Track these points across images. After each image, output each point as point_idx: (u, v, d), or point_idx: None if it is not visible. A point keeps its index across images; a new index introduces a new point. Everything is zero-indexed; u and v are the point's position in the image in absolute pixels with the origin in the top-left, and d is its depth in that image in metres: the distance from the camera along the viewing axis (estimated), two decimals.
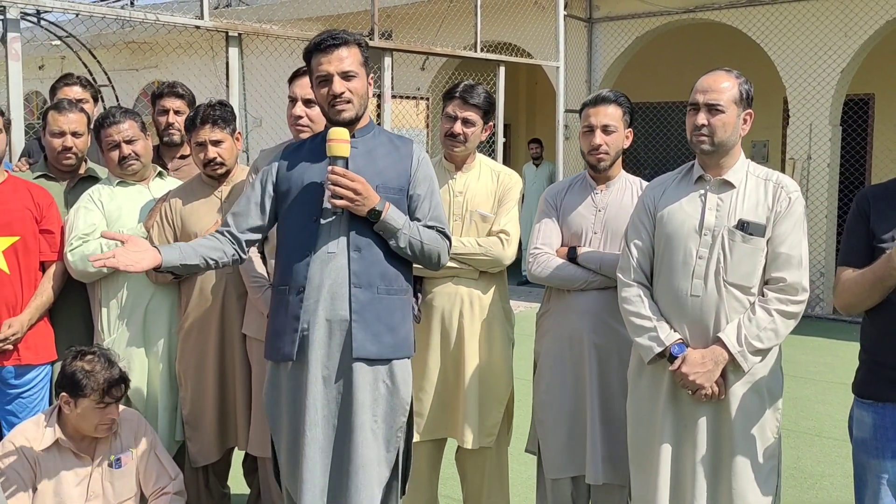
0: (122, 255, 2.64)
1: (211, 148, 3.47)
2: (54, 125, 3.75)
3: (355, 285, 2.80)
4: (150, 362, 3.62)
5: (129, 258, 2.65)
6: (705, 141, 2.82)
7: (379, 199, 2.77)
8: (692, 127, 2.83)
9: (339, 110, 2.79)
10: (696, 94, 2.83)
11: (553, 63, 10.03)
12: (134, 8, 8.40)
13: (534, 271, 3.34)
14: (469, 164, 3.55)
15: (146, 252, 2.70)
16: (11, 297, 3.51)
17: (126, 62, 14.36)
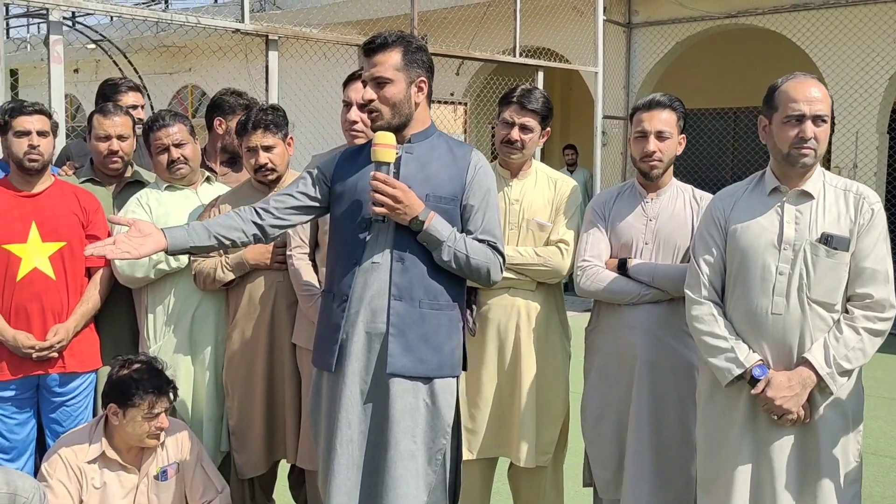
0: (121, 243, 2.55)
1: (262, 153, 3.39)
2: (99, 129, 3.69)
3: (395, 297, 2.69)
4: (195, 371, 3.54)
5: (127, 245, 2.55)
6: (810, 154, 2.66)
7: (422, 208, 2.66)
8: (795, 139, 2.65)
9: (372, 119, 2.72)
10: (798, 105, 2.65)
11: (591, 68, 9.90)
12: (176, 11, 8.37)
13: (582, 285, 3.21)
14: (525, 170, 3.44)
15: (148, 236, 2.61)
16: (57, 304, 3.45)
17: (160, 66, 14.42)
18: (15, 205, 3.44)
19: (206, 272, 3.42)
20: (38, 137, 3.41)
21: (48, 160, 3.48)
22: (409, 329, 2.69)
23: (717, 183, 10.34)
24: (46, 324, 3.42)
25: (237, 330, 3.45)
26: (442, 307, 2.75)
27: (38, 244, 3.43)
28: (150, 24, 11.94)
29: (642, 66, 10.91)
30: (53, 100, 5.54)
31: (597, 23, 9.77)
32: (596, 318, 3.33)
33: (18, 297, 3.39)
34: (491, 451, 3.38)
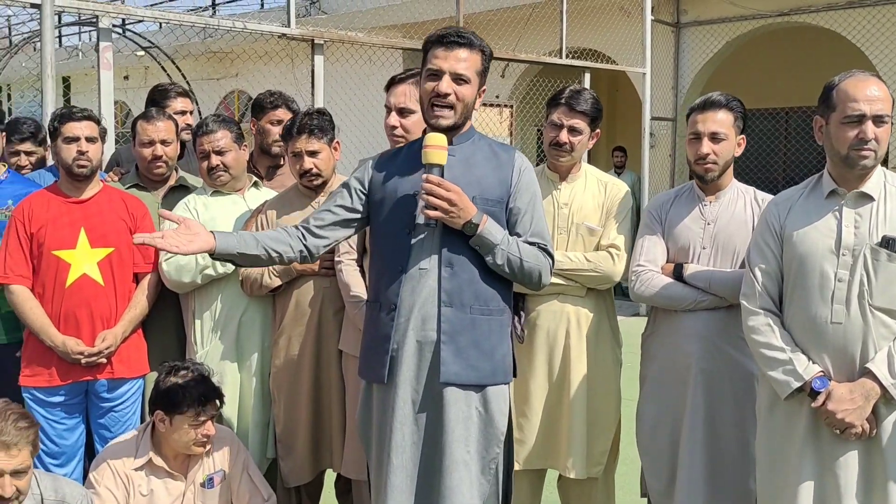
0: (171, 237, 2.50)
1: (307, 158, 3.35)
2: (143, 134, 3.70)
3: (445, 304, 2.62)
4: (242, 377, 3.52)
5: (175, 240, 2.50)
6: (870, 156, 2.55)
7: (476, 211, 2.59)
8: (854, 140, 2.54)
9: (436, 114, 2.62)
10: (858, 104, 2.53)
11: (639, 69, 9.76)
12: (222, 17, 8.43)
13: (636, 290, 3.12)
14: (574, 173, 3.36)
15: (197, 235, 2.54)
16: (106, 310, 3.46)
17: (207, 71, 14.57)
18: (64, 211, 3.46)
19: (254, 277, 3.40)
20: (87, 143, 3.43)
21: (97, 166, 3.50)
22: (461, 336, 2.63)
23: (769, 185, 10.14)
24: (95, 330, 3.43)
25: (283, 336, 3.42)
26: (493, 312, 2.69)
27: (86, 250, 3.44)
28: (197, 31, 12.07)
29: (691, 66, 10.73)
30: (103, 106, 5.60)
31: (644, 23, 9.63)
32: (652, 324, 3.24)
33: (68, 304, 3.40)
34: (539, 462, 3.31)
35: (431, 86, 2.62)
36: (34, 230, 3.42)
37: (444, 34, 2.63)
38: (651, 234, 3.17)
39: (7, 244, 3.45)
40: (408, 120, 3.10)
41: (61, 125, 3.46)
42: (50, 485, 2.75)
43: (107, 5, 5.57)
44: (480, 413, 2.66)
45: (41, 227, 3.42)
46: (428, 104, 2.64)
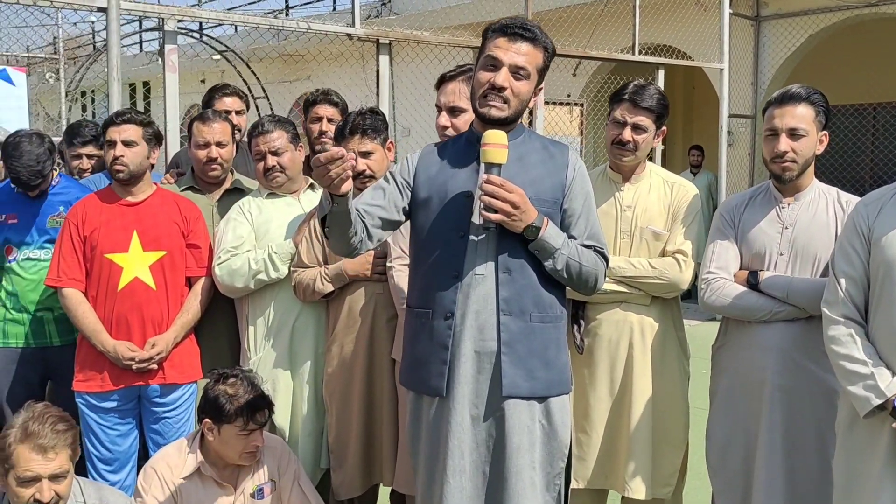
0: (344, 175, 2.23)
1: (360, 160, 3.25)
2: (199, 136, 3.65)
3: (504, 313, 2.47)
4: (295, 384, 3.44)
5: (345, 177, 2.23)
6: None
7: (537, 214, 2.43)
8: None
9: (490, 104, 2.45)
10: None
11: (716, 65, 9.42)
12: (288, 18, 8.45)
13: (707, 300, 2.91)
14: (638, 174, 3.17)
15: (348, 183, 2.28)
16: (157, 314, 3.42)
17: (280, 74, 14.70)
18: (117, 214, 3.43)
19: (306, 283, 3.31)
20: (123, 147, 3.39)
21: (135, 170, 3.43)
22: (522, 345, 2.48)
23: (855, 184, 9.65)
24: (146, 334, 3.40)
25: (336, 343, 3.33)
26: (552, 319, 2.54)
27: (139, 253, 3.41)
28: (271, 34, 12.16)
29: (772, 61, 10.31)
30: (168, 108, 5.63)
31: (722, 17, 9.28)
32: (723, 335, 3.02)
33: (119, 307, 3.38)
34: (600, 482, 3.13)
35: (488, 76, 2.46)
36: (87, 233, 3.40)
37: (509, 24, 2.48)
38: (723, 239, 2.95)
39: (61, 247, 3.44)
40: (459, 119, 2.96)
41: (104, 129, 3.45)
42: (94, 493, 2.70)
43: (171, 8, 5.59)
44: (544, 426, 2.52)
45: (94, 230, 3.40)
46: (481, 94, 2.48)
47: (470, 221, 2.48)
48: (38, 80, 15.18)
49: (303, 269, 3.34)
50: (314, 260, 3.33)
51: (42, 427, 2.47)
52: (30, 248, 3.67)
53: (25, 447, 2.45)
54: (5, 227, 3.67)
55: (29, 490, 2.45)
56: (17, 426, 2.48)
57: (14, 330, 3.66)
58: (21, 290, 3.64)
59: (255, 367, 3.40)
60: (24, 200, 3.72)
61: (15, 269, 3.66)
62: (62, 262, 3.41)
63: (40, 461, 2.45)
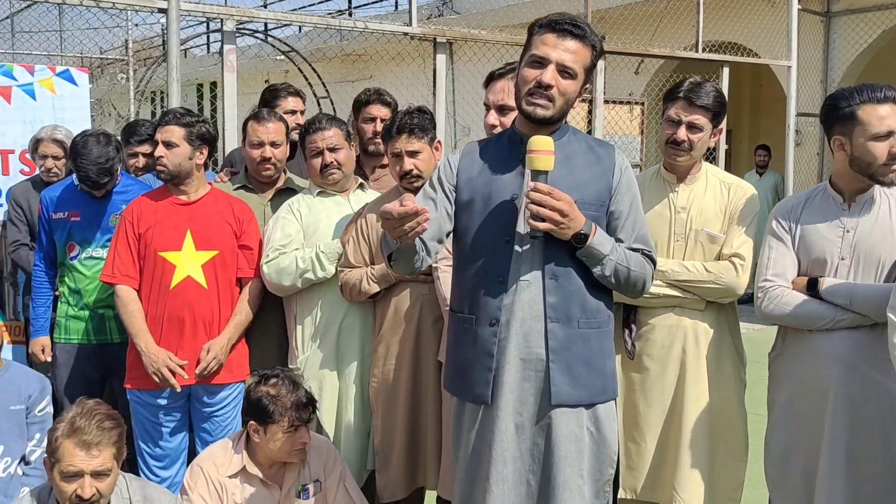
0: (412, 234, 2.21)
1: (407, 159, 3.21)
2: (253, 135, 3.66)
3: (552, 319, 2.40)
4: (341, 385, 3.42)
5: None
6: None
7: (585, 221, 2.36)
8: None
9: (536, 102, 2.37)
10: None
11: (784, 62, 9.14)
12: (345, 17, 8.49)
13: (764, 309, 2.78)
14: (694, 174, 3.07)
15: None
16: (208, 313, 3.44)
17: (341, 74, 14.80)
18: (171, 212, 3.46)
19: (352, 283, 3.29)
20: (163, 148, 3.42)
21: (175, 171, 3.44)
22: (569, 352, 2.41)
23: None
24: (197, 333, 3.41)
25: (382, 344, 3.30)
26: (599, 325, 2.47)
27: (191, 252, 3.43)
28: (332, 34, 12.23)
29: (842, 58, 9.98)
30: (226, 107, 5.68)
31: (791, 12, 9.00)
32: (781, 342, 2.89)
33: (171, 306, 3.40)
34: (650, 494, 3.03)
35: (534, 74, 2.38)
36: (142, 231, 3.44)
37: (558, 20, 2.38)
38: (779, 245, 2.82)
39: (116, 245, 3.48)
40: (507, 118, 2.89)
41: (156, 129, 3.49)
42: (139, 490, 2.72)
43: (230, 8, 5.64)
44: (592, 433, 2.45)
45: (149, 228, 3.43)
46: (526, 91, 2.40)
47: (515, 227, 2.42)
48: (110, 80, 15.52)
49: (349, 269, 3.32)
50: (361, 260, 3.31)
51: (88, 423, 2.49)
52: (92, 246, 3.73)
53: (70, 442, 2.47)
54: (68, 225, 3.74)
55: (71, 485, 2.47)
56: (66, 420, 2.51)
57: (75, 326, 3.73)
58: (83, 287, 3.71)
59: (303, 367, 3.40)
60: (87, 199, 3.79)
61: (77, 267, 3.73)
62: (117, 259, 3.45)
63: (83, 457, 2.47)
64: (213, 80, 18.31)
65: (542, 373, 2.41)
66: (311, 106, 11.29)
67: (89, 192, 3.78)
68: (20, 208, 4.19)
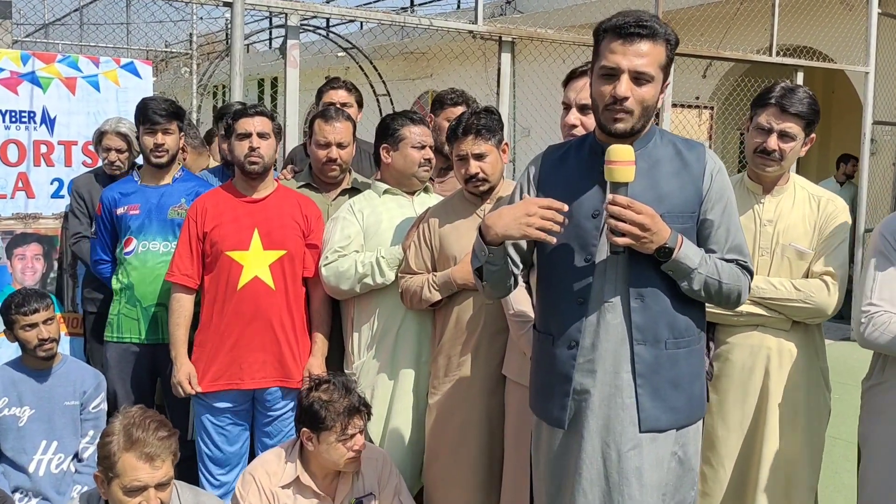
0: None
1: (473, 162, 3.06)
2: (320, 135, 3.56)
3: (638, 342, 2.25)
4: (397, 393, 3.29)
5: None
6: None
7: (670, 233, 2.19)
8: None
9: (614, 117, 2.21)
10: None
11: (861, 68, 8.78)
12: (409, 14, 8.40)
13: (869, 337, 2.56)
14: (781, 185, 2.88)
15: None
16: (276, 314, 3.35)
17: (402, 72, 14.75)
18: (239, 210, 3.38)
19: (413, 290, 3.16)
20: (259, 139, 3.34)
21: (269, 164, 3.39)
22: (658, 376, 2.26)
23: None
24: (265, 334, 3.34)
25: (442, 355, 3.16)
26: (689, 343, 2.31)
27: (259, 252, 3.35)
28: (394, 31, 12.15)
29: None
30: (288, 104, 5.62)
31: (870, 16, 8.63)
32: (880, 372, 2.68)
33: (238, 306, 3.32)
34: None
35: (607, 89, 2.21)
36: (208, 229, 3.36)
37: (622, 23, 2.20)
38: (887, 266, 2.59)
39: (179, 243, 3.42)
40: (589, 118, 2.74)
41: (235, 122, 3.39)
42: (191, 498, 2.63)
43: (295, 3, 5.56)
44: (679, 457, 2.31)
45: (215, 226, 3.36)
46: (603, 108, 2.24)
47: (597, 244, 2.27)
48: (174, 74, 15.73)
49: (410, 275, 3.20)
50: (422, 266, 3.19)
51: (147, 434, 2.41)
52: (150, 239, 3.67)
53: (132, 455, 2.39)
54: (128, 218, 3.69)
55: (136, 499, 2.39)
56: (119, 433, 2.42)
57: (128, 325, 3.68)
58: (137, 282, 3.65)
59: (358, 373, 3.30)
60: (146, 191, 3.73)
61: (132, 262, 3.67)
62: (178, 258, 3.40)
63: (148, 470, 2.39)
64: (274, 75, 18.44)
65: (631, 398, 2.26)
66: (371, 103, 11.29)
67: (146, 186, 3.73)
68: (82, 200, 4.16)
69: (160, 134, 3.66)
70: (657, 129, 2.35)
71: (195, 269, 3.38)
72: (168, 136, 3.69)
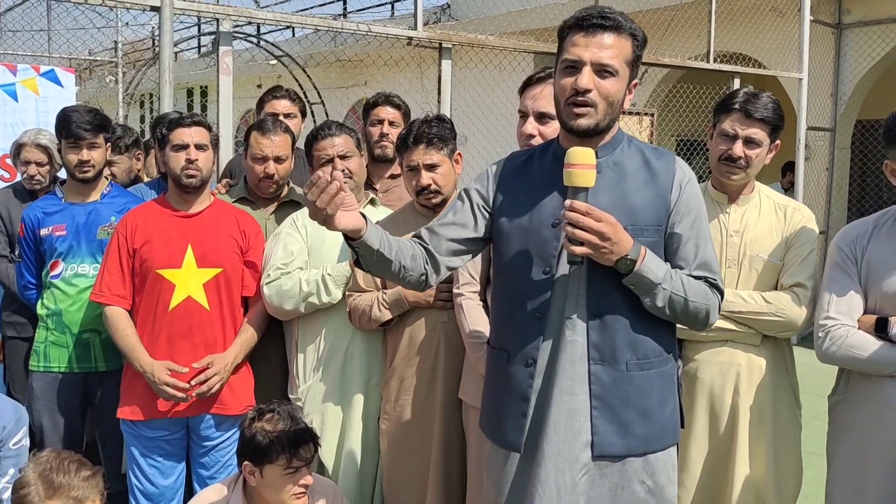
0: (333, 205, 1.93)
1: (424, 173, 2.90)
2: (256, 149, 3.35)
3: (595, 361, 2.10)
4: (345, 419, 3.10)
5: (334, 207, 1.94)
6: None
7: (632, 244, 2.05)
8: None
9: (575, 112, 2.07)
10: None
11: (795, 74, 8.89)
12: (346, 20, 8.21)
13: (827, 351, 2.47)
14: (746, 194, 2.78)
15: (353, 215, 2.00)
16: (211, 336, 3.12)
17: (336, 80, 14.54)
18: (171, 226, 3.15)
19: (362, 309, 2.97)
20: (196, 151, 3.12)
21: (207, 176, 3.18)
22: (616, 398, 2.11)
23: None
24: (198, 358, 3.10)
25: (395, 378, 2.98)
26: (654, 365, 2.15)
27: (192, 270, 3.12)
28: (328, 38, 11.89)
29: (854, 71, 9.73)
30: (221, 112, 5.37)
31: (803, 24, 8.75)
32: (844, 386, 2.58)
33: (169, 329, 3.09)
34: None
35: (569, 81, 2.08)
36: (137, 246, 3.12)
37: (585, 15, 2.09)
38: (843, 278, 2.50)
39: (107, 261, 3.17)
40: (548, 127, 2.59)
41: (170, 132, 3.16)
42: None
43: (227, 8, 5.33)
44: (648, 486, 2.15)
45: (145, 242, 3.12)
46: (564, 103, 2.11)
47: (557, 256, 2.12)
48: (99, 83, 15.28)
49: (359, 293, 3.01)
50: (371, 284, 3.00)
51: (70, 478, 2.21)
52: (78, 262, 3.41)
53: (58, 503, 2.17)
54: (54, 240, 3.42)
55: None
56: (36, 482, 2.21)
57: (56, 353, 3.40)
58: (65, 308, 3.38)
59: (304, 398, 3.10)
60: (71, 209, 3.47)
61: (59, 286, 3.40)
62: (107, 277, 3.14)
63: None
64: (205, 84, 18.00)
65: (587, 421, 2.11)
66: None
67: (72, 204, 3.45)
68: (0, 218, 3.86)
69: (85, 150, 3.39)
70: (625, 135, 2.21)
71: (127, 289, 3.14)
72: (94, 150, 3.42)
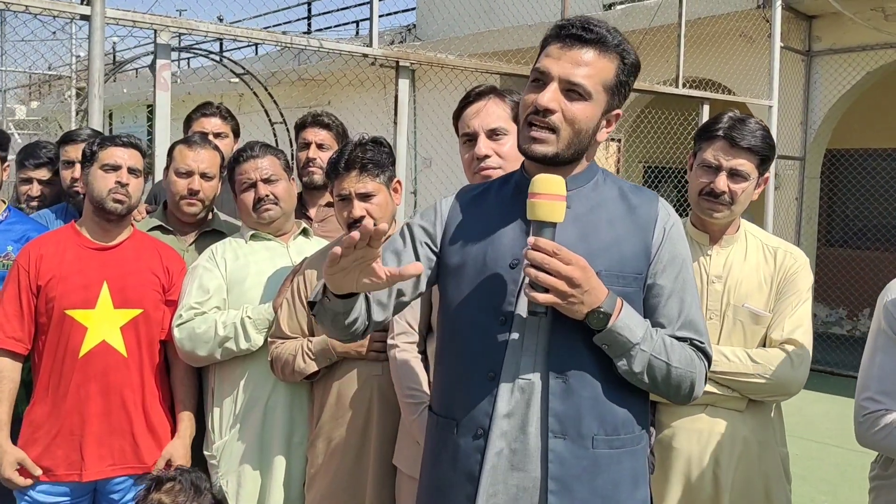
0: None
1: (357, 203, 2.49)
2: (181, 162, 3.00)
3: (555, 434, 1.73)
4: (265, 484, 2.69)
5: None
6: None
7: (606, 294, 1.68)
8: None
9: (531, 135, 1.73)
10: None
11: (765, 102, 8.68)
12: (298, 34, 7.83)
13: (870, 436, 2.08)
14: (731, 234, 2.41)
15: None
16: (129, 387, 2.73)
17: (299, 99, 14.16)
18: (84, 260, 2.74)
19: (285, 359, 2.57)
20: (129, 175, 2.75)
21: (134, 205, 2.80)
22: (578, 481, 1.73)
23: None
24: (111, 412, 2.70)
25: (321, 438, 2.57)
26: (625, 443, 1.77)
27: (108, 311, 2.71)
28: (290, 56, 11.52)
29: (824, 99, 9.54)
30: (158, 131, 4.95)
31: (773, 51, 8.55)
32: (885, 467, 2.19)
33: (80, 377, 2.67)
34: None
35: (531, 97, 1.73)
36: (42, 282, 2.70)
37: (565, 24, 1.74)
38: (889, 344, 2.09)
39: (3, 298, 2.73)
40: (502, 144, 2.21)
41: (101, 149, 2.77)
42: None
43: (165, 18, 4.92)
44: None
45: (52, 278, 2.70)
46: (523, 121, 1.76)
47: (514, 302, 1.75)
48: (58, 98, 14.86)
49: (282, 340, 2.60)
50: (297, 329, 2.59)
51: None
52: None
53: None
54: None
55: None
56: None
57: None
58: None
59: (219, 456, 2.70)
60: None
61: None
62: (2, 318, 2.71)
63: None
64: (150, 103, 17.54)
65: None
66: (266, 131, 10.64)
67: None
68: None
69: None
70: (601, 169, 1.84)
71: (25, 332, 2.71)
72: None
